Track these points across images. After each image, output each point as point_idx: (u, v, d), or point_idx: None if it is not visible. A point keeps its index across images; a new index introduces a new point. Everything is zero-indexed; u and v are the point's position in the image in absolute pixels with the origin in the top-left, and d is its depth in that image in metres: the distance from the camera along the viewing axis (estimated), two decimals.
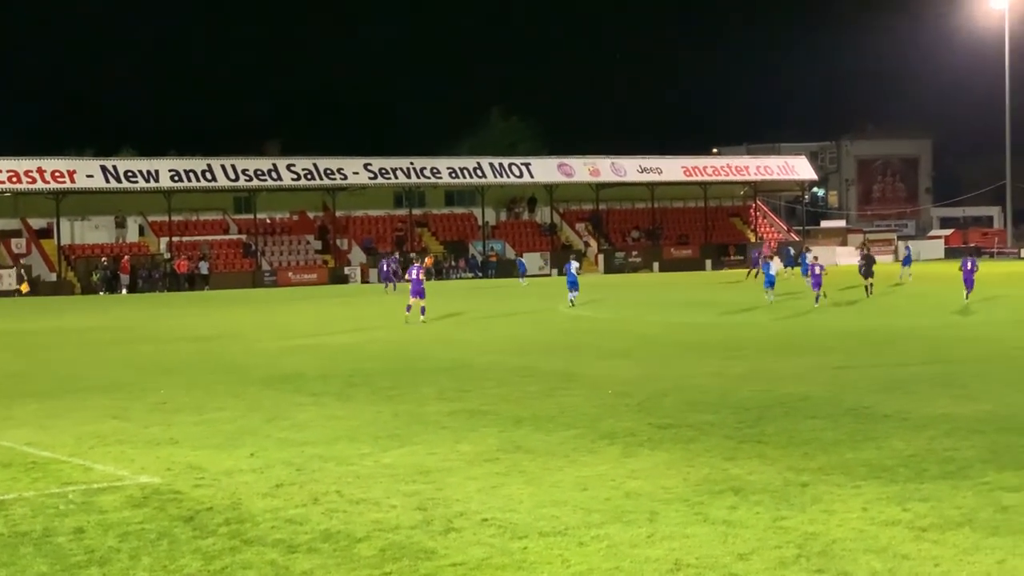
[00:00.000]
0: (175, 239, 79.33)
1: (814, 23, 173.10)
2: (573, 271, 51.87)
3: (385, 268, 67.67)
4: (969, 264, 47.31)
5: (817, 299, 47.08)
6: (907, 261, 68.58)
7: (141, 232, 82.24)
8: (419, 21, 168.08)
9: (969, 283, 46.35)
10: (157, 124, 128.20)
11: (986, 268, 77.98)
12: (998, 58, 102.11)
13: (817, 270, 48.29)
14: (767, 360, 28.37)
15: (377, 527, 13.12)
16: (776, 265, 52.70)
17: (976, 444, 16.90)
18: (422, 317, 41.91)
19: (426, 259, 53.57)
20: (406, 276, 47.61)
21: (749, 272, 72.14)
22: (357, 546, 12.41)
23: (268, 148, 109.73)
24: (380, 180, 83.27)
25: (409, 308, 42.26)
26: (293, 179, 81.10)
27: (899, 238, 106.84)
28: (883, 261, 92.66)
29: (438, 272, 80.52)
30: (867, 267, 53.62)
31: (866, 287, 52.70)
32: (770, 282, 49.93)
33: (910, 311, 43.62)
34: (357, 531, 12.96)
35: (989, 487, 14.27)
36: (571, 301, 49.57)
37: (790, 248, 78.50)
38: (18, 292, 72.26)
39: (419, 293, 41.88)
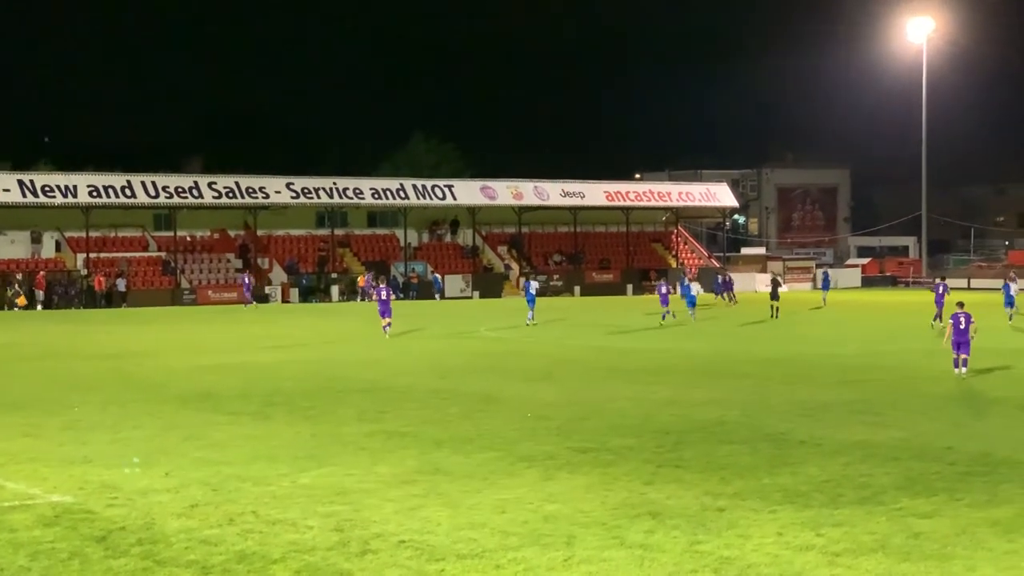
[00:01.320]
0: (93, 255, 78.35)
1: (735, 52, 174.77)
2: (532, 290, 53.91)
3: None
4: (941, 289, 49.78)
5: (691, 314, 54.17)
6: (826, 285, 72.40)
7: (58, 248, 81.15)
8: (343, 42, 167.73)
9: (940, 306, 47.95)
10: (75, 138, 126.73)
11: (901, 297, 79.15)
12: (916, 91, 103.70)
13: (693, 290, 56.47)
14: (686, 385, 28.53)
15: (293, 548, 13.02)
16: (696, 288, 57.66)
17: (890, 471, 17.09)
18: (387, 332, 44.12)
19: (359, 278, 54.92)
20: (374, 296, 49.13)
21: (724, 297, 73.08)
22: (272, 567, 12.30)
23: (189, 165, 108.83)
24: (302, 199, 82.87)
25: (385, 327, 44.35)
26: (214, 197, 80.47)
27: (817, 266, 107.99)
28: (802, 289, 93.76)
29: (361, 294, 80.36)
30: (774, 291, 57.80)
31: (772, 308, 56.60)
32: (691, 302, 54.78)
33: (826, 339, 44.08)
34: (273, 552, 12.85)
35: (902, 513, 14.44)
36: (530, 318, 51.73)
37: (718, 276, 79.26)
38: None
39: (386, 312, 44.48)
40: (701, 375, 31.15)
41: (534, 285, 55.03)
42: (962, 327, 29.89)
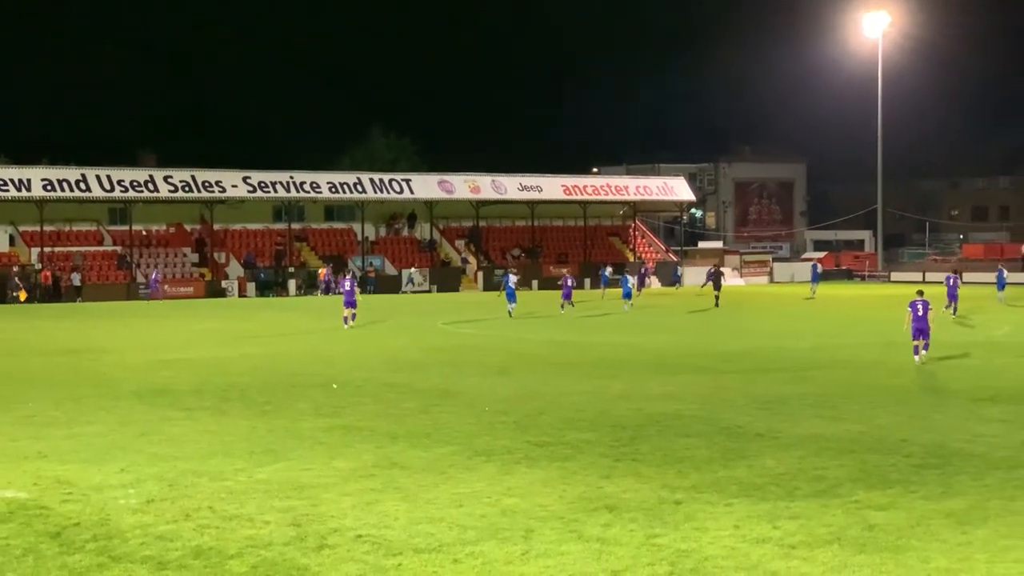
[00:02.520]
0: (47, 250, 77.75)
1: (694, 47, 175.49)
2: (511, 284, 54.79)
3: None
4: (952, 281, 52.15)
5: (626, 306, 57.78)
6: (815, 278, 74.63)
7: (12, 242, 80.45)
8: (300, 36, 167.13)
9: (953, 297, 50.80)
10: (30, 132, 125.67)
11: (857, 291, 79.66)
12: (872, 85, 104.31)
13: (629, 283, 60.19)
14: (643, 379, 28.60)
15: (249, 543, 12.97)
16: (631, 280, 61.56)
17: (846, 463, 17.20)
18: (351, 323, 46.03)
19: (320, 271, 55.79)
20: (339, 288, 50.02)
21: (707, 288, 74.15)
22: (229, 563, 12.25)
23: (144, 159, 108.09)
24: (259, 193, 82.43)
25: (346, 318, 46.28)
26: (170, 191, 79.91)
27: (774, 260, 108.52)
28: (758, 283, 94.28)
29: (321, 287, 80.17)
30: (716, 282, 63.32)
31: (716, 298, 61.68)
32: (627, 294, 58.74)
33: (782, 332, 44.28)
34: (229, 548, 12.79)
35: (858, 505, 14.53)
36: (509, 312, 52.88)
37: (641, 268, 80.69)
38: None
39: (351, 303, 46.40)
40: (658, 369, 31.23)
41: (513, 279, 55.83)
42: (920, 314, 30.94)
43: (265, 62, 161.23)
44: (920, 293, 32.34)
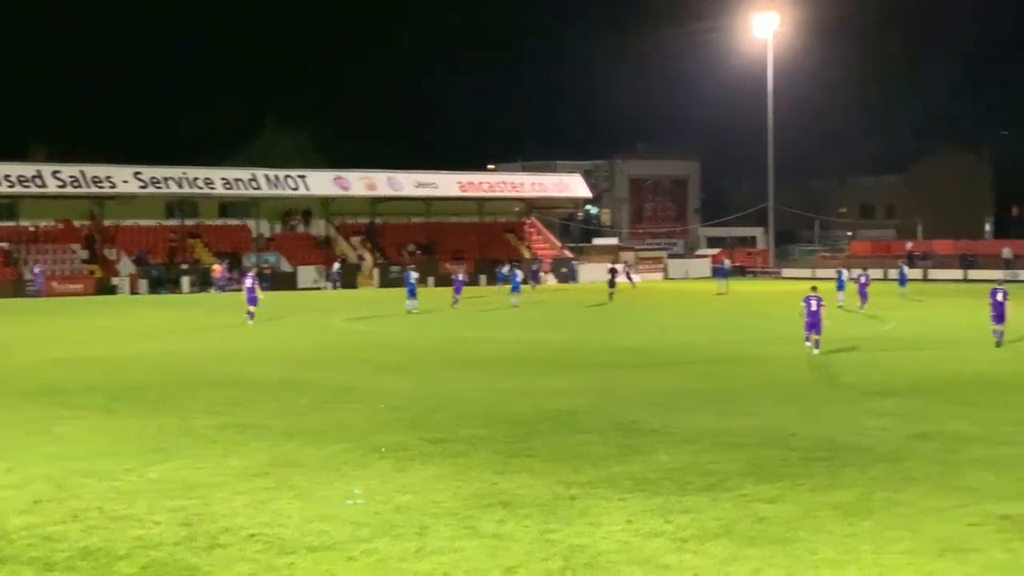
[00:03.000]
0: None
1: (587, 45, 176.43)
2: (412, 280, 55.44)
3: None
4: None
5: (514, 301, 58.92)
6: (724, 274, 76.70)
7: None
8: (192, 30, 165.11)
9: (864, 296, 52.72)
10: None
11: (750, 287, 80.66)
12: (762, 85, 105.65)
13: (518, 278, 61.64)
14: (538, 375, 28.70)
15: (139, 544, 12.81)
16: (520, 275, 63.42)
17: (737, 458, 17.41)
18: (250, 321, 46.02)
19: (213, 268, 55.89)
20: (241, 286, 50.55)
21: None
22: (117, 564, 12.10)
23: (33, 154, 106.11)
24: (151, 189, 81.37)
25: (250, 314, 46.53)
26: (59, 186, 78.58)
27: (668, 256, 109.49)
28: (652, 278, 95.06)
29: (216, 285, 79.37)
30: (611, 279, 67.27)
31: (610, 294, 64.96)
32: (516, 287, 60.39)
33: (678, 328, 44.69)
34: (118, 548, 12.63)
35: (748, 499, 14.72)
36: (409, 309, 53.34)
37: (533, 265, 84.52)
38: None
39: (253, 300, 46.95)
40: (554, 365, 31.35)
41: (414, 275, 56.76)
42: (813, 309, 32.59)
43: (159, 55, 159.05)
44: (813, 289, 33.88)
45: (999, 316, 34.69)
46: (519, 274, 62.93)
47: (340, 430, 20.23)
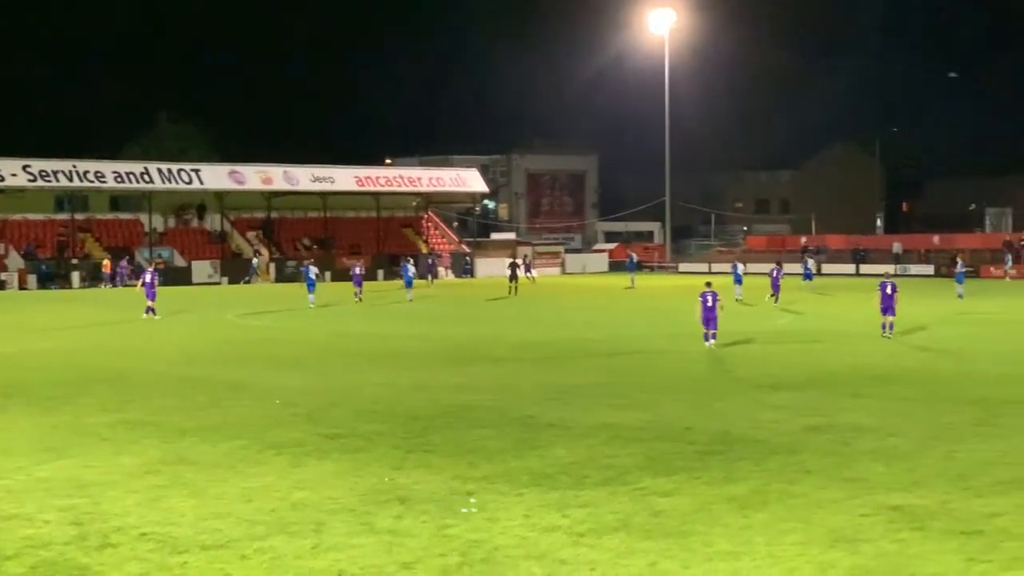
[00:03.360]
0: None
1: (483, 39, 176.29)
2: (312, 275, 55.49)
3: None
4: (775, 272, 54.74)
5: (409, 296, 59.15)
6: (632, 267, 77.28)
7: None
8: (82, 19, 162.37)
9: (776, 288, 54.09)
10: None
11: (647, 281, 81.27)
12: (659, 80, 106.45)
13: (411, 272, 61.54)
14: (435, 370, 28.65)
15: (28, 544, 12.57)
16: (412, 270, 63.25)
17: (633, 451, 17.50)
18: (156, 316, 45.96)
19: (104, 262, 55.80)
20: (140, 282, 50.28)
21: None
22: (6, 564, 11.85)
23: None
24: (40, 183, 79.97)
25: (150, 309, 46.46)
26: None
27: (566, 251, 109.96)
28: (550, 273, 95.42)
29: (106, 280, 78.30)
30: (512, 272, 67.53)
31: (510, 288, 65.43)
32: (409, 282, 60.23)
33: (575, 323, 44.88)
34: (6, 548, 12.38)
35: (644, 492, 14.81)
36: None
37: (428, 259, 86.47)
38: None
39: (152, 295, 46.89)
40: (451, 360, 31.31)
41: (411, 269, 59.02)
42: (709, 304, 32.98)
43: (47, 47, 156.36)
44: (708, 284, 34.32)
45: (888, 308, 35.66)
46: (410, 268, 63.18)
47: (235, 427, 20.02)
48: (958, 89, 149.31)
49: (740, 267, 60.22)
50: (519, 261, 75.92)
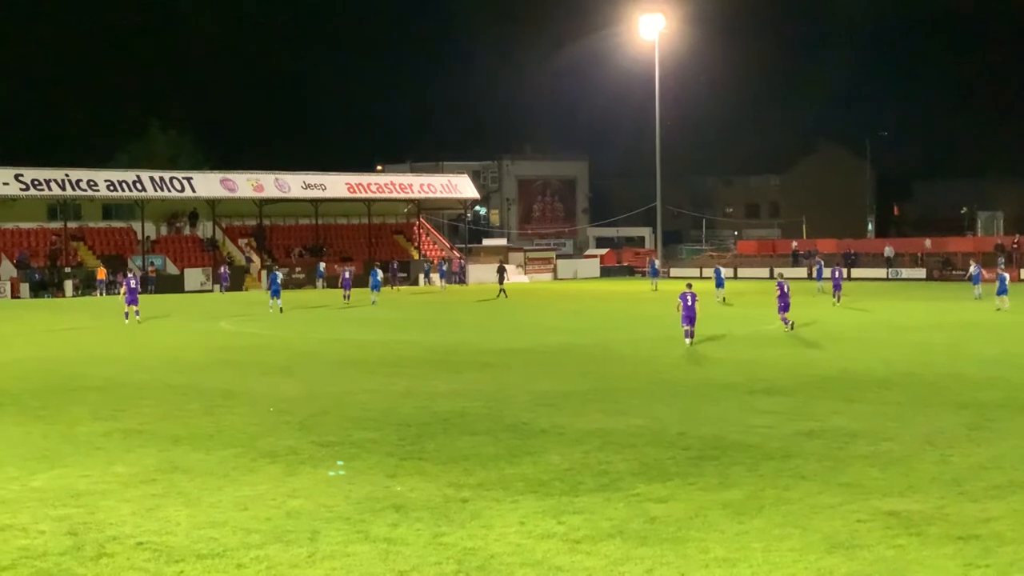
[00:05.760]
0: None
1: (475, 45, 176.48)
2: (278, 280, 56.73)
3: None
4: (836, 272, 58.19)
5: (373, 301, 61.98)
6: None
7: None
8: (73, 28, 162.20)
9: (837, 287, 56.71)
10: None
11: (638, 286, 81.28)
12: (649, 85, 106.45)
13: (378, 276, 65.12)
14: (427, 377, 28.63)
15: (24, 554, 12.55)
16: (380, 274, 66.88)
17: (628, 457, 17.51)
18: (137, 318, 48.10)
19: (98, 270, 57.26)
20: (122, 288, 51.49)
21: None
22: (2, 575, 11.82)
23: None
24: (32, 191, 79.77)
25: (127, 315, 48.33)
26: None
27: (558, 257, 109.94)
28: (541, 279, 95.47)
29: (100, 288, 78.21)
30: (500, 277, 71.25)
31: (500, 291, 68.43)
32: (376, 286, 63.13)
33: (566, 329, 44.86)
34: (2, 560, 12.37)
35: (639, 499, 14.81)
36: (279, 308, 54.68)
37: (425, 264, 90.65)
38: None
39: (134, 300, 48.66)
40: (442, 366, 31.29)
41: (279, 275, 58.00)
42: (689, 304, 35.62)
43: (39, 56, 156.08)
44: (689, 285, 37.46)
45: (786, 306, 38.46)
46: (379, 273, 66.34)
47: (228, 435, 20.00)
48: (947, 90, 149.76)
49: (723, 271, 63.09)
50: (506, 266, 78.07)
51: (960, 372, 28.64)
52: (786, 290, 39.11)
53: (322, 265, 68.88)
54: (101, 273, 78.94)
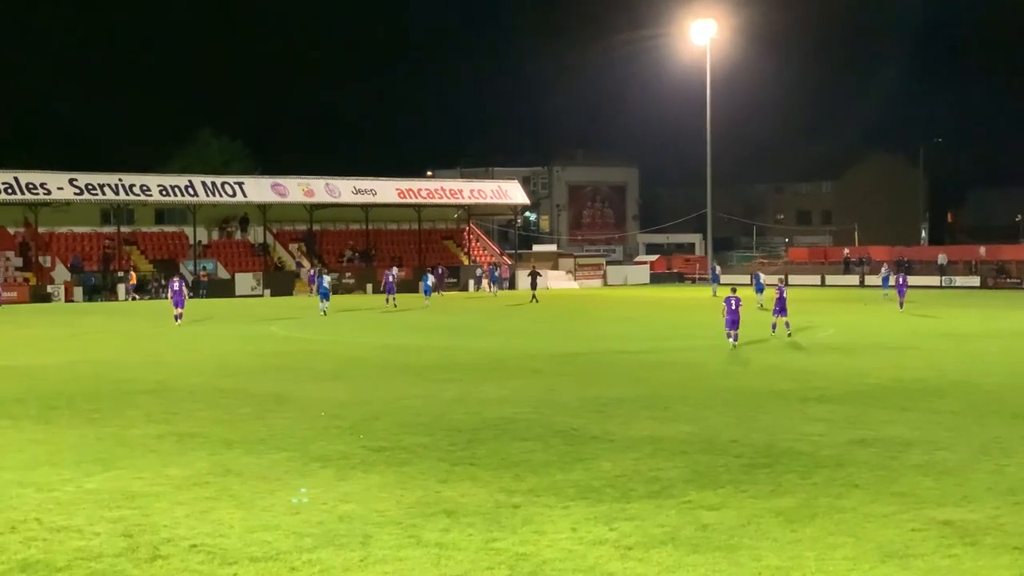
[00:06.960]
0: None
1: (527, 51, 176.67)
2: (325, 284, 58.17)
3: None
4: (901, 278, 60.58)
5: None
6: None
7: None
8: (128, 37, 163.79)
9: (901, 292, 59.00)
10: None
11: (688, 293, 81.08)
12: (701, 92, 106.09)
13: (429, 281, 68.51)
14: (478, 383, 28.63)
15: (79, 555, 12.64)
16: (431, 279, 70.36)
17: (679, 464, 17.45)
18: (179, 322, 49.73)
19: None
20: (169, 292, 53.36)
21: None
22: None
23: None
24: (86, 196, 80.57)
25: (176, 317, 50.45)
26: None
27: (607, 263, 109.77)
28: (591, 286, 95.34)
29: (145, 290, 78.88)
30: (532, 282, 73.54)
31: (532, 297, 70.68)
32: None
33: (615, 335, 44.79)
34: (58, 560, 12.46)
35: (691, 506, 14.76)
36: (323, 311, 56.07)
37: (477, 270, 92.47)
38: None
39: (179, 303, 50.65)
40: (491, 372, 31.29)
41: (327, 279, 59.31)
42: (733, 308, 37.25)
43: (91, 63, 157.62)
44: (733, 290, 39.05)
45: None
46: (430, 278, 69.58)
47: (280, 439, 20.09)
48: (1002, 97, 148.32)
49: (762, 277, 64.71)
50: (539, 271, 79.53)
51: (1015, 382, 28.35)
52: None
53: (394, 271, 71.93)
54: (133, 278, 79.58)
